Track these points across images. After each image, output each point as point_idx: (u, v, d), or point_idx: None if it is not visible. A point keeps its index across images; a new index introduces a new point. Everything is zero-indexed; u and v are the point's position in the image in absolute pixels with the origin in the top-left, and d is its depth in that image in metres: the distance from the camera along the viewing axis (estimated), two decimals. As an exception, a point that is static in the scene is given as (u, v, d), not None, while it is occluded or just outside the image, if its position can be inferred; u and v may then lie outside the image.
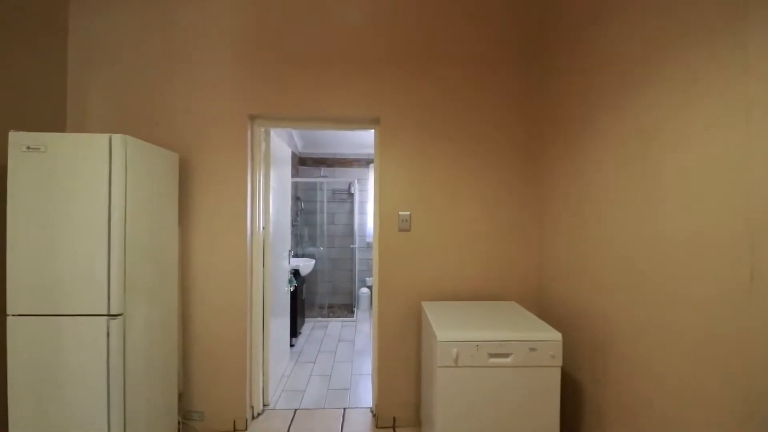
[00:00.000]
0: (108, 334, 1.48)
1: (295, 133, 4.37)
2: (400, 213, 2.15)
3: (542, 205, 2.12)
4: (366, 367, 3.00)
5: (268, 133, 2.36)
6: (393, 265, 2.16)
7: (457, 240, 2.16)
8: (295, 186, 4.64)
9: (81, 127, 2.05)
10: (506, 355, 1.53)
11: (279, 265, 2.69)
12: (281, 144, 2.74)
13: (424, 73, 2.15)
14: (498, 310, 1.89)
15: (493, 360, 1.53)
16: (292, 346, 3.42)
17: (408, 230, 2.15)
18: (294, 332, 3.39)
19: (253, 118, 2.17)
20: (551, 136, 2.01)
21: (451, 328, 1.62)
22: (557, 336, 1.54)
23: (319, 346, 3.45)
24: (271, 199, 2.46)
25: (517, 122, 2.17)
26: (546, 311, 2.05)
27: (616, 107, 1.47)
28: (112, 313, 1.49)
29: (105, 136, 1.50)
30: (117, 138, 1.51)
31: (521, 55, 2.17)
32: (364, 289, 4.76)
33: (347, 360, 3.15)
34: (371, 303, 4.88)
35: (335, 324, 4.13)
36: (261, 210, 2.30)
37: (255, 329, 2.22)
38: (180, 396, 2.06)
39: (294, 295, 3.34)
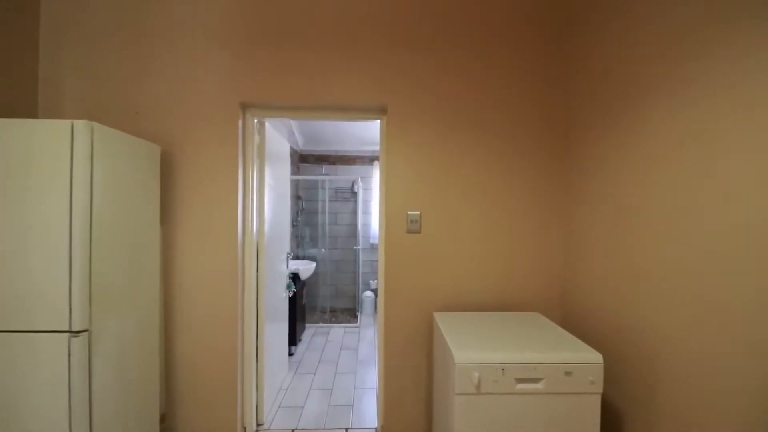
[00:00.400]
0: (69, 354, 1.26)
1: (295, 128, 4.15)
2: (409, 213, 1.92)
3: (569, 208, 1.88)
4: (370, 379, 2.78)
5: (262, 125, 2.14)
6: (401, 270, 1.92)
7: (473, 243, 1.93)
8: (296, 184, 4.43)
9: (54, 116, 1.84)
10: (537, 380, 1.30)
11: (276, 269, 2.47)
12: (279, 138, 2.52)
13: (437, 57, 1.91)
14: (522, 324, 1.66)
15: (521, 386, 1.30)
16: (291, 355, 3.20)
17: (417, 232, 1.92)
18: (293, 340, 3.17)
19: (245, 107, 1.95)
20: (581, 131, 1.77)
21: (471, 347, 1.39)
22: (597, 358, 1.31)
23: (320, 355, 3.23)
24: (266, 197, 2.24)
25: (542, 116, 1.93)
26: (573, 323, 1.81)
27: (671, 94, 1.23)
28: (74, 329, 1.27)
29: (66, 122, 1.28)
30: (81, 125, 1.29)
31: (548, 36, 1.93)
32: (368, 293, 4.53)
33: (350, 371, 2.92)
34: (375, 307, 4.67)
35: (337, 330, 3.91)
36: (255, 209, 2.08)
37: (248, 340, 2.00)
38: (162, 417, 1.84)
39: (293, 301, 3.12)
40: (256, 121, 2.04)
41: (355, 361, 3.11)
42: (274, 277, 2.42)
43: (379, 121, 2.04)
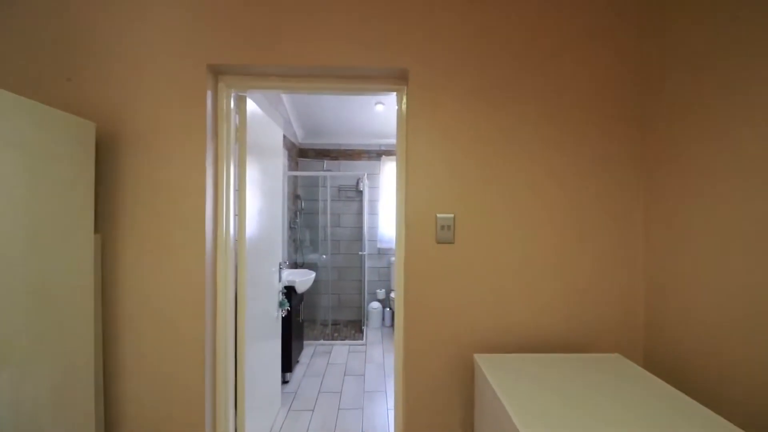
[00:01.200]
0: None
1: (293, 117, 3.65)
2: (439, 216, 1.41)
3: (654, 219, 1.36)
4: (380, 417, 2.27)
5: (242, 101, 1.64)
6: (427, 292, 1.42)
7: (526, 260, 1.42)
8: (294, 182, 3.93)
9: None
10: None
11: (264, 283, 1.97)
12: (268, 123, 2.02)
13: (476, 14, 1.41)
14: (605, 374, 1.15)
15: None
16: (285, 383, 2.70)
17: (450, 242, 1.41)
18: (288, 365, 2.67)
19: (216, 73, 1.45)
20: (678, 128, 1.25)
21: (549, 422, 0.88)
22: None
23: (320, 383, 2.73)
24: (249, 195, 1.74)
25: (616, 101, 1.42)
26: (666, 369, 1.29)
27: None
28: None
29: None
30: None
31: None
32: (375, 304, 4.03)
33: (356, 405, 2.42)
34: (383, 320, 4.16)
35: (341, 349, 3.40)
36: (232, 210, 1.58)
37: (221, 380, 1.50)
38: (100, 498, 1.35)
39: (288, 319, 2.62)
40: (233, 93, 1.54)
41: (361, 392, 2.60)
42: (261, 293, 1.92)
43: (395, 94, 1.53)
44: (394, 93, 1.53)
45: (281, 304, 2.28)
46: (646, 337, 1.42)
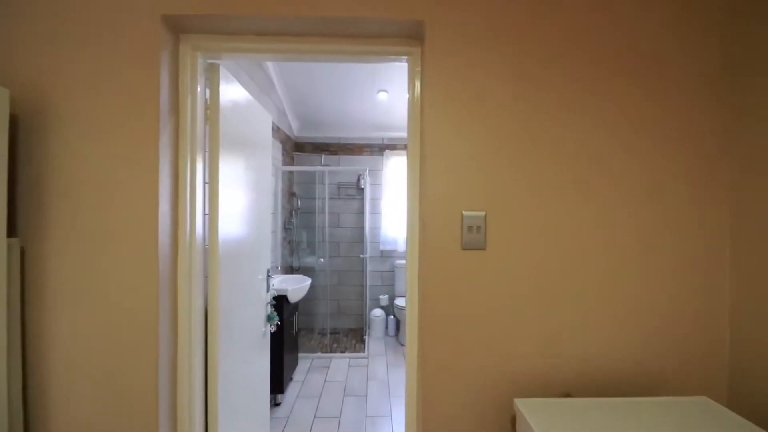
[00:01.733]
0: None
1: (287, 107, 3.33)
2: (466, 214, 1.08)
3: (742, 228, 1.03)
4: (386, 450, 1.95)
5: (214, 71, 1.31)
6: (448, 316, 1.08)
7: (580, 274, 1.09)
8: (289, 178, 3.61)
9: None
10: None
11: (247, 295, 1.64)
12: (252, 104, 1.69)
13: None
14: (697, 428, 0.82)
15: None
16: (277, 405, 2.38)
17: (480, 248, 1.08)
18: (279, 386, 2.35)
19: (176, 29, 1.12)
20: None
21: None
22: None
23: (317, 406, 2.40)
24: (225, 190, 1.41)
25: (706, 71, 1.09)
26: (748, 408, 0.97)
27: None
28: None
29: None
30: None
31: None
32: (378, 311, 3.70)
33: (357, 434, 2.09)
34: (386, 329, 3.83)
35: (340, 362, 3.07)
36: (200, 207, 1.25)
37: (183, 423, 1.17)
38: None
39: (279, 333, 2.30)
40: (200, 59, 1.21)
41: (363, 417, 2.27)
42: (244, 307, 1.60)
43: (406, 60, 1.21)
44: (405, 59, 1.21)
45: (270, 318, 1.95)
46: (730, 369, 1.09)
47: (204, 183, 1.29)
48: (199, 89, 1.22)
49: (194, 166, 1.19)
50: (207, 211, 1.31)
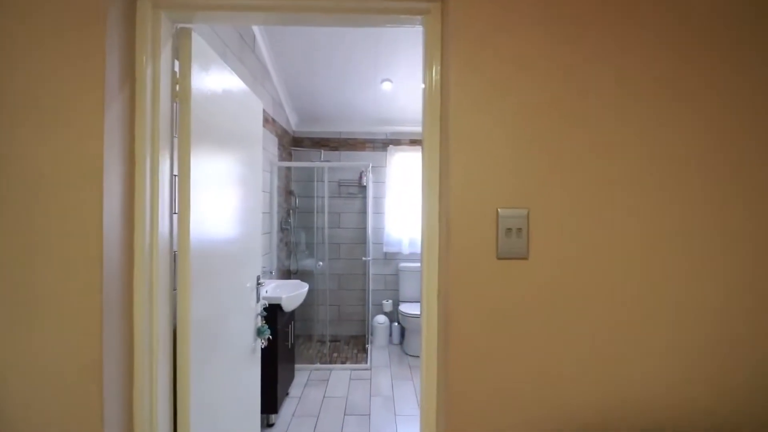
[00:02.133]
0: None
1: (285, 99, 3.09)
2: (502, 212, 0.83)
3: None
4: (392, 483, 1.70)
5: (185, 36, 1.07)
6: (478, 347, 0.84)
7: (659, 297, 0.84)
8: (286, 174, 3.37)
9: None
10: None
11: (231, 307, 1.41)
12: (237, 84, 1.45)
13: None
14: None
15: None
16: (270, 426, 2.14)
17: (522, 257, 0.83)
18: (273, 405, 2.11)
19: (132, -21, 0.89)
20: None
21: None
22: None
23: (314, 426, 2.16)
24: (202, 185, 1.17)
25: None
26: None
27: None
28: None
29: None
30: None
31: None
32: (381, 318, 3.46)
33: (359, 462, 1.85)
34: (390, 336, 3.57)
35: (340, 374, 2.83)
36: (168, 207, 1.01)
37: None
38: None
39: (272, 347, 2.05)
40: (169, 24, 0.97)
41: (366, 440, 2.03)
42: (226, 321, 1.36)
43: (420, 22, 0.96)
44: (419, 20, 0.96)
45: (260, 332, 1.71)
46: None
47: (172, 175, 1.05)
48: (164, 58, 0.98)
49: (156, 153, 0.95)
50: (177, 210, 1.07)
